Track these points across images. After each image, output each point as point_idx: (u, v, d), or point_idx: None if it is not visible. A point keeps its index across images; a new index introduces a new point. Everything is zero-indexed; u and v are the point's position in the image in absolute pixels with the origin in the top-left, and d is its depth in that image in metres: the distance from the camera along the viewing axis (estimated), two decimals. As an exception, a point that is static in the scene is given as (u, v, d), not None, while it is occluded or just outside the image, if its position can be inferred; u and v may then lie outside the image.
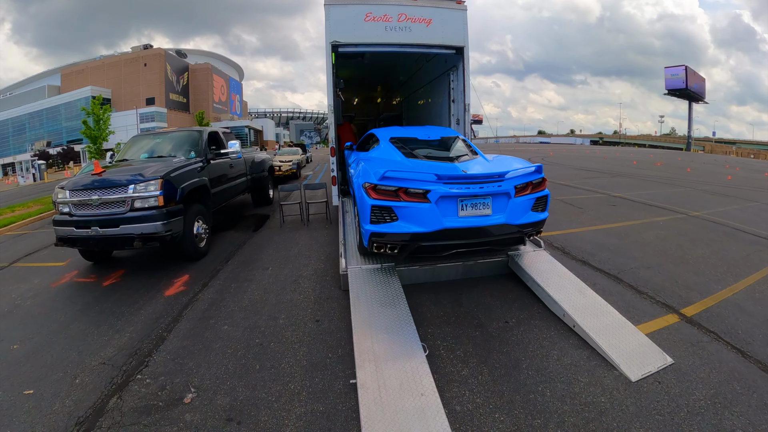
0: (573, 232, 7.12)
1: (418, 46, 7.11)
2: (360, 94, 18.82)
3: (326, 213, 8.64)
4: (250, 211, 9.99)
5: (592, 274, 5.01)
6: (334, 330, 3.86)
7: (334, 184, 7.46)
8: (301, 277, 5.20)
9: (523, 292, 4.51)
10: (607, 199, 10.47)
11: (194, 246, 5.97)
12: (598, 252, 5.86)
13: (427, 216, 3.97)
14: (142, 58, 71.76)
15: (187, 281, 5.29)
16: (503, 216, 4.11)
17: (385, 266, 4.62)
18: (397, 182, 4.02)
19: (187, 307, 4.52)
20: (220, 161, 7.46)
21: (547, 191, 4.45)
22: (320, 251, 6.29)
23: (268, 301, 4.53)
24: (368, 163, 4.93)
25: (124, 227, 5.29)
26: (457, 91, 8.05)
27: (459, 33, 7.24)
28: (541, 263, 4.75)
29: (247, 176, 9.13)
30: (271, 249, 6.53)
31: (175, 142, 7.35)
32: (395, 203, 4.00)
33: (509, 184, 4.13)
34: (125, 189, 5.35)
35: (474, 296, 4.48)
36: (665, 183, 14.47)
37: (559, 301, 3.94)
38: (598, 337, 3.41)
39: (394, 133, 6.15)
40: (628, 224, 7.56)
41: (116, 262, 6.35)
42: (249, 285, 5.03)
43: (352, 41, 6.85)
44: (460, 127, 7.88)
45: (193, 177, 6.21)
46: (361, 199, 4.28)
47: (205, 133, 7.39)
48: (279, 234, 7.51)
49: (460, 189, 4.01)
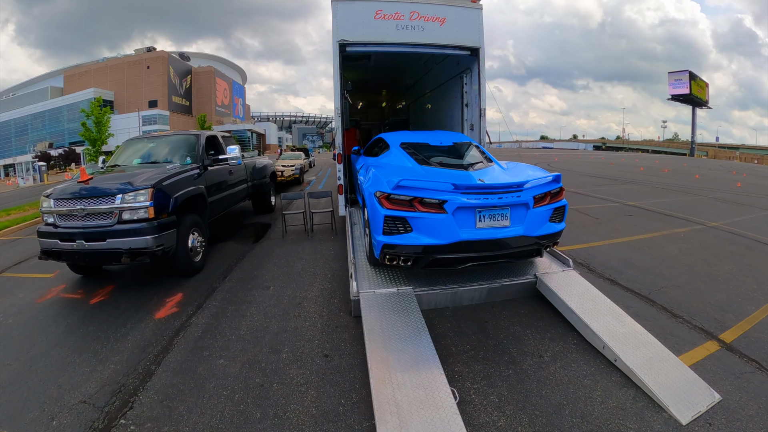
0: (594, 245, 6.74)
1: (430, 46, 6.67)
2: (364, 99, 18.38)
3: (332, 223, 8.12)
4: (251, 219, 9.51)
5: (623, 295, 4.62)
6: (346, 368, 3.35)
7: (340, 193, 6.98)
8: (305, 299, 4.69)
9: (554, 317, 4.08)
10: (622, 209, 10.19)
11: (188, 261, 5.48)
12: (624, 269, 5.49)
13: (444, 227, 3.79)
14: (145, 61, 71.90)
15: (180, 301, 4.80)
16: (521, 227, 3.96)
17: (403, 291, 4.13)
18: (412, 191, 3.83)
19: (179, 333, 4.03)
20: (219, 167, 6.99)
21: (565, 201, 4.30)
22: (326, 267, 5.80)
23: (270, 329, 4.03)
24: (380, 170, 4.70)
25: (111, 241, 4.81)
26: (471, 94, 7.61)
27: (474, 33, 6.83)
28: (573, 285, 4.33)
29: (248, 183, 8.64)
30: (272, 264, 6.03)
31: (170, 147, 6.86)
32: (410, 214, 3.82)
33: (528, 195, 3.97)
34: (112, 199, 4.87)
35: (501, 324, 4.00)
36: (676, 191, 14.34)
37: (598, 331, 3.52)
38: (642, 372, 3.06)
39: (405, 138, 5.89)
40: (648, 236, 7.26)
41: (106, 275, 5.87)
42: (248, 308, 4.53)
43: (361, 40, 6.41)
44: (474, 133, 7.43)
45: (189, 185, 5.73)
46: (373, 208, 4.08)
47: (203, 137, 6.92)
48: (281, 246, 7.02)
49: (479, 199, 3.83)
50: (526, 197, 3.95)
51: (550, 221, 4.18)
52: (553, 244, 4.37)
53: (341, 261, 5.97)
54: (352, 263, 4.71)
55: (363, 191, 4.90)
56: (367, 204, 4.48)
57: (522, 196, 3.94)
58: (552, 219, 4.18)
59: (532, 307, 4.32)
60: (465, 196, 3.82)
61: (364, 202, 4.92)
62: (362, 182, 5.24)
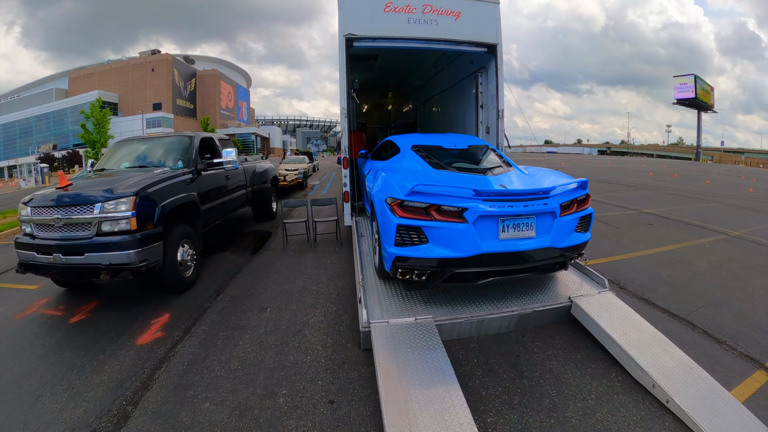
0: (621, 259, 6.27)
1: (444, 42, 6.16)
2: (369, 101, 17.86)
3: (336, 233, 7.52)
4: (251, 226, 8.97)
5: (660, 318, 4.18)
6: (356, 419, 2.77)
7: (346, 201, 6.42)
8: (307, 326, 4.11)
9: (592, 348, 3.57)
10: (640, 217, 9.83)
11: (178, 277, 4.94)
12: (656, 286, 5.06)
13: (464, 238, 3.42)
14: (150, 64, 72.12)
15: (166, 323, 4.27)
16: (548, 238, 3.63)
17: (422, 321, 3.54)
18: (428, 198, 3.46)
19: (162, 364, 3.50)
20: (214, 172, 6.45)
21: (592, 210, 3.98)
22: (330, 285, 5.23)
23: (265, 364, 3.46)
24: (391, 174, 4.34)
25: (89, 255, 4.29)
26: (487, 95, 7.08)
27: (491, 29, 6.33)
28: (612, 310, 3.82)
29: (247, 188, 8.11)
30: (270, 280, 5.46)
31: (161, 150, 6.33)
32: (425, 223, 3.45)
33: (555, 202, 3.63)
34: (90, 208, 4.34)
35: (536, 359, 3.45)
36: (690, 197, 14.00)
37: (646, 367, 3.04)
38: (698, 415, 2.69)
39: (416, 140, 5.52)
40: (673, 248, 6.88)
41: (90, 290, 5.37)
42: (241, 335, 3.97)
43: (370, 34, 5.89)
44: (490, 136, 6.90)
45: (179, 192, 5.19)
46: (385, 216, 3.71)
47: (197, 139, 6.38)
48: (281, 259, 6.46)
49: (502, 207, 3.47)
50: (552, 205, 3.61)
51: (576, 231, 3.84)
52: (578, 255, 4.04)
53: (347, 278, 5.42)
54: (361, 285, 4.08)
55: (372, 197, 4.49)
56: (377, 211, 4.06)
57: (549, 203, 3.60)
58: (578, 229, 3.85)
59: (567, 336, 3.80)
60: (487, 203, 3.45)
61: (373, 209, 4.49)
62: (371, 188, 4.85)
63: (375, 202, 4.21)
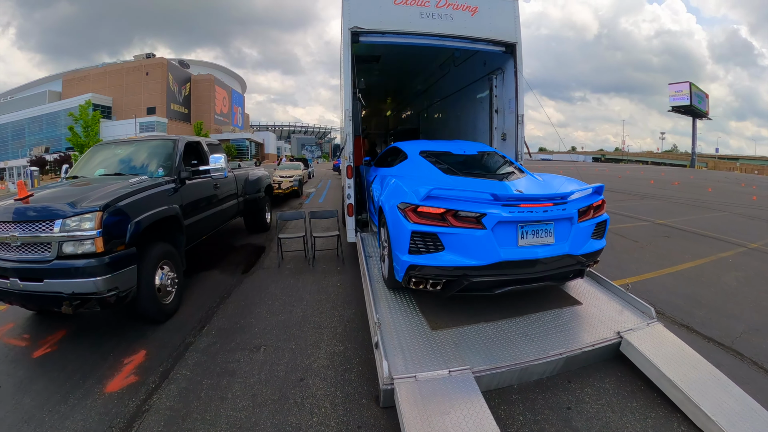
0: (649, 277, 5.88)
1: (459, 39, 5.58)
2: (367, 106, 17.20)
3: (337, 249, 6.70)
4: (243, 239, 8.27)
5: (706, 347, 3.84)
6: None
7: (350, 215, 5.70)
8: (310, 372, 3.39)
9: (647, 390, 3.10)
10: (655, 229, 9.61)
11: (155, 305, 4.24)
12: (693, 309, 4.74)
13: (482, 246, 3.27)
14: (145, 67, 71.80)
15: (141, 364, 3.58)
16: (566, 245, 3.50)
17: (458, 374, 2.83)
18: (444, 203, 3.33)
19: (133, 424, 2.81)
20: (201, 181, 5.74)
21: (607, 216, 3.90)
22: (334, 316, 4.50)
23: (260, 428, 2.76)
24: (402, 179, 4.11)
25: (49, 282, 3.60)
26: (502, 99, 6.51)
27: (510, 26, 5.81)
28: (664, 345, 3.35)
29: (239, 198, 7.42)
30: (264, 308, 4.74)
31: (140, 155, 5.64)
32: (441, 229, 3.30)
33: (573, 207, 3.51)
34: (50, 225, 3.65)
35: (589, 411, 2.88)
36: (697, 206, 14.07)
37: (713, 414, 2.66)
38: None
39: (424, 146, 5.29)
40: (697, 264, 6.64)
41: (59, 314, 4.58)
42: (230, 384, 3.26)
43: (378, 28, 5.29)
44: (507, 143, 6.32)
45: (157, 204, 4.49)
46: (397, 223, 3.55)
47: (181, 144, 5.67)
48: (276, 280, 5.72)
49: (522, 213, 3.33)
50: (571, 210, 3.48)
51: (592, 238, 3.73)
52: (593, 263, 3.88)
53: (354, 306, 4.73)
54: (377, 326, 3.23)
55: (381, 204, 4.21)
56: (388, 219, 3.85)
57: (567, 209, 3.47)
58: (594, 235, 3.75)
59: (617, 377, 3.28)
60: (506, 208, 3.29)
61: (381, 217, 4.24)
62: (378, 195, 4.64)
63: (385, 209, 3.97)
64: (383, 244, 4.30)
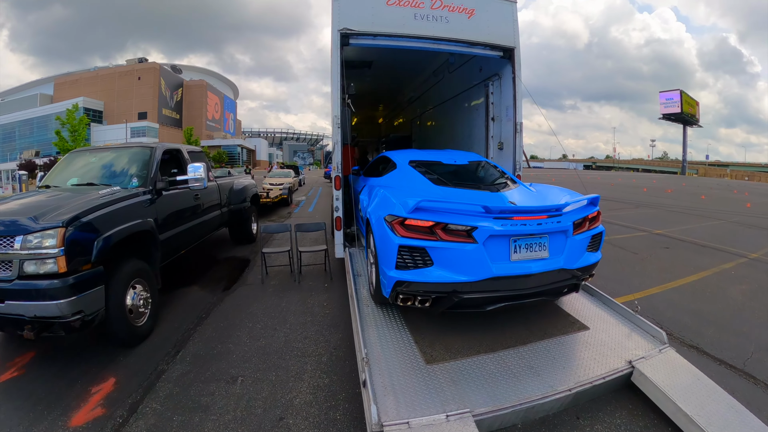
0: (653, 293, 5.62)
1: (455, 42, 5.32)
2: (359, 114, 16.88)
3: (325, 264, 6.30)
4: (226, 251, 7.88)
5: (718, 371, 3.62)
6: None
7: (338, 229, 5.35)
8: (290, 410, 3.01)
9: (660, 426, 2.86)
10: (653, 239, 9.41)
11: (126, 328, 3.87)
12: (700, 327, 4.52)
13: (473, 261, 3.12)
14: (137, 72, 71.35)
15: (109, 394, 3.22)
16: (561, 259, 3.38)
17: (456, 418, 2.48)
18: (433, 215, 3.18)
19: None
20: (179, 191, 5.34)
21: (603, 228, 3.78)
22: (320, 341, 4.11)
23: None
24: (390, 190, 4.03)
25: (10, 304, 3.26)
26: (499, 106, 6.24)
27: (508, 30, 5.56)
28: (679, 375, 3.08)
29: (222, 209, 7.06)
30: (244, 331, 4.34)
31: (114, 164, 5.26)
32: (430, 243, 3.14)
33: (568, 220, 3.40)
34: (10, 241, 3.30)
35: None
36: (693, 214, 14.03)
37: None
38: None
39: (413, 155, 5.15)
40: (699, 277, 6.43)
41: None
42: (203, 422, 2.90)
43: (370, 30, 5.00)
44: (505, 152, 6.05)
45: (129, 218, 4.12)
46: (384, 236, 3.40)
47: (159, 151, 5.29)
48: (259, 298, 5.31)
49: (515, 226, 3.20)
50: (566, 223, 3.36)
51: (588, 251, 3.61)
52: (588, 276, 3.73)
53: (342, 329, 4.34)
54: (365, 363, 2.86)
55: (368, 215, 4.11)
56: (375, 231, 3.71)
57: (562, 221, 3.36)
58: (589, 248, 3.63)
59: (628, 410, 3.01)
60: (498, 221, 3.16)
61: (369, 229, 4.10)
62: (366, 206, 4.48)
63: (372, 221, 3.83)
64: (370, 259, 4.10)
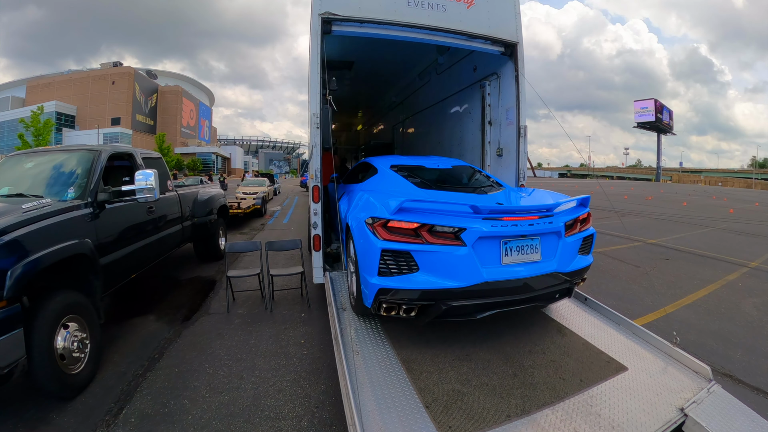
0: (669, 313, 5.26)
1: (453, 33, 4.71)
2: (337, 120, 16.09)
3: (302, 288, 5.47)
4: (190, 270, 6.95)
5: (757, 401, 3.28)
6: None
7: (317, 249, 4.49)
8: None
9: None
10: (649, 249, 9.26)
11: (56, 377, 3.04)
12: (727, 351, 4.23)
13: (462, 265, 2.90)
14: (111, 76, 69.83)
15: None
16: (554, 262, 3.20)
17: None
18: (418, 216, 2.96)
19: None
20: (126, 204, 4.49)
21: (593, 229, 3.65)
22: (297, 394, 3.26)
23: None
24: (372, 193, 3.77)
25: None
26: (498, 108, 5.65)
27: (510, 24, 5.01)
28: (734, 419, 2.56)
29: (184, 222, 6.18)
30: (203, 379, 3.46)
31: (48, 170, 4.38)
32: (415, 247, 2.92)
33: (560, 221, 3.24)
34: None
35: None
36: (680, 222, 14.20)
37: None
38: None
39: (395, 161, 4.91)
40: (709, 291, 6.21)
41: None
42: None
43: (356, 15, 4.30)
44: (505, 159, 5.46)
45: (58, 239, 3.29)
46: (365, 240, 3.17)
47: (104, 156, 4.43)
48: (223, 333, 4.42)
49: (506, 227, 3.01)
50: (557, 224, 3.20)
51: (580, 253, 3.46)
52: (581, 281, 3.58)
53: (324, 378, 3.51)
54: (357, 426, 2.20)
55: (347, 220, 3.86)
56: (355, 236, 3.46)
57: (554, 222, 3.20)
58: (581, 251, 3.48)
59: None
60: (488, 222, 2.97)
61: (348, 233, 3.82)
62: (345, 212, 4.17)
63: (352, 226, 3.58)
64: (350, 268, 3.79)
